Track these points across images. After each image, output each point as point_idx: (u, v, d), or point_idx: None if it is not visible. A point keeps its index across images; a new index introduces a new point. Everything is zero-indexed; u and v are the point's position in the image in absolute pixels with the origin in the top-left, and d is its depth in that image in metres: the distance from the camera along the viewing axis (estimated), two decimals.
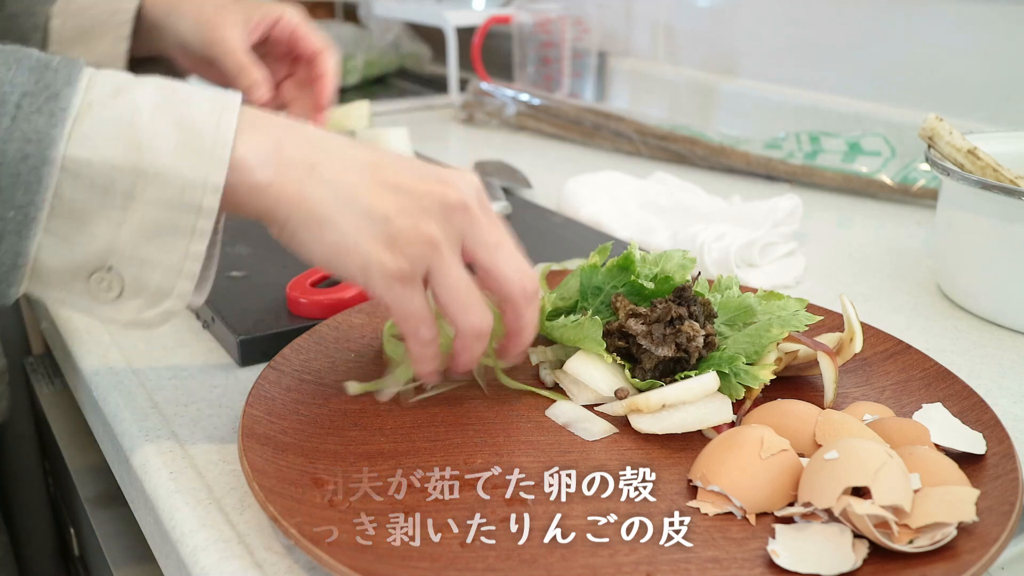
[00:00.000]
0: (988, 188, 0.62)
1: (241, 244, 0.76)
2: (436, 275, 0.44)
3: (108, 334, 0.63)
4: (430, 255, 0.44)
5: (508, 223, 0.43)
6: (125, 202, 0.40)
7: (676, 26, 1.31)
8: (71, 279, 0.42)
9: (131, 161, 0.40)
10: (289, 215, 0.43)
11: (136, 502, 0.52)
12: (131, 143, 0.40)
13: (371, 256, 0.43)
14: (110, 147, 0.40)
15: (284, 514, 0.40)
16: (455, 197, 0.44)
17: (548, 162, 1.12)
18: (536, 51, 1.32)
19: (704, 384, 0.49)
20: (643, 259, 0.57)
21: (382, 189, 0.43)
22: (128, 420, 0.53)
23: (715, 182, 1.02)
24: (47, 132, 0.39)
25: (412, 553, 0.39)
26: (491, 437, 0.49)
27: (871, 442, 0.42)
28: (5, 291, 0.41)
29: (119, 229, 0.41)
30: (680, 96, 1.30)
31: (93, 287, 0.42)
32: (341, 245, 0.43)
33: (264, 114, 0.44)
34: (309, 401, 0.51)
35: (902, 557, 0.39)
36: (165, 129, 0.40)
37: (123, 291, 0.42)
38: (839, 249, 0.82)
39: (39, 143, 0.39)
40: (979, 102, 0.96)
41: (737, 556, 0.40)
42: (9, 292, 0.41)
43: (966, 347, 0.63)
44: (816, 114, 1.10)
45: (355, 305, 0.61)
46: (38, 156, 0.39)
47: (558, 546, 0.40)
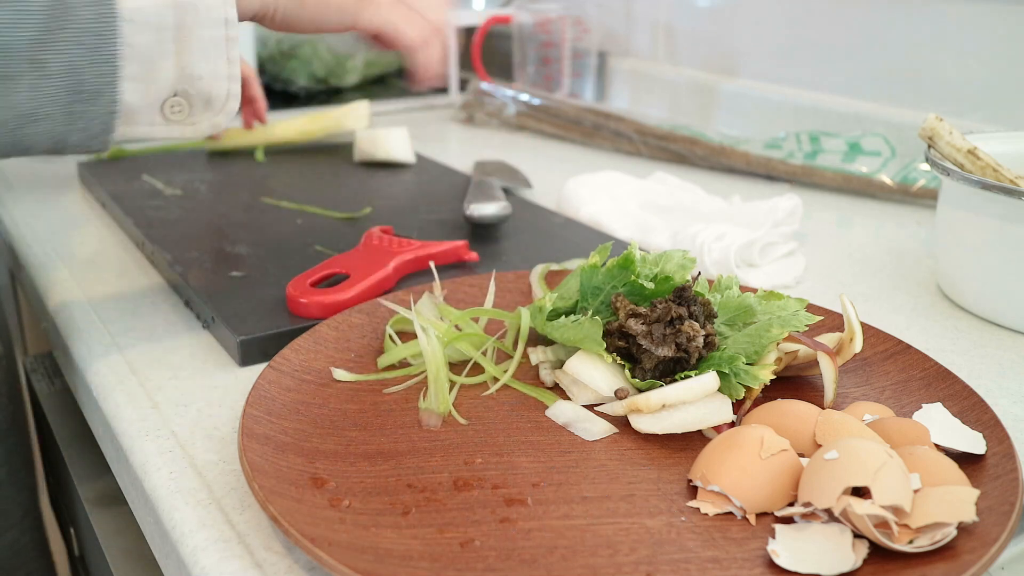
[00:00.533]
0: (988, 188, 0.62)
1: (241, 244, 0.76)
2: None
3: (108, 334, 0.63)
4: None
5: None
6: (176, 33, 0.51)
7: (676, 26, 1.31)
8: (151, 112, 0.52)
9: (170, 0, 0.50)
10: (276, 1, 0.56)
11: (136, 502, 0.52)
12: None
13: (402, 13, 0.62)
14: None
15: (284, 514, 0.40)
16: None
17: (548, 162, 1.12)
18: (536, 51, 1.32)
19: (704, 384, 0.49)
20: (643, 259, 0.57)
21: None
22: (128, 420, 0.53)
23: (715, 182, 1.02)
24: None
25: (412, 553, 0.39)
26: (491, 437, 0.49)
27: (871, 442, 0.42)
28: (106, 139, 0.51)
29: (178, 56, 0.51)
30: (680, 96, 1.30)
31: (167, 113, 0.52)
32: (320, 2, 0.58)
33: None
34: (309, 401, 0.51)
35: (902, 557, 0.39)
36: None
37: (192, 108, 0.53)
38: (839, 249, 0.82)
39: (105, 3, 0.48)
40: (979, 102, 0.96)
41: (737, 556, 0.40)
42: (109, 139, 0.51)
43: (966, 347, 0.63)
44: (816, 114, 1.10)
45: (355, 305, 0.61)
46: (108, 12, 0.48)
47: (557, 547, 0.40)
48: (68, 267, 0.75)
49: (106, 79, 0.49)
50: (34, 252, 0.79)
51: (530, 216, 0.84)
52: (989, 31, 0.94)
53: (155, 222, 0.80)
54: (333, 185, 0.94)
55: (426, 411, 0.51)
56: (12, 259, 0.87)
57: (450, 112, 1.40)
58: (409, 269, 0.69)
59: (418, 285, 0.64)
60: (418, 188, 0.94)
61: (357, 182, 0.96)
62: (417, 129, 1.27)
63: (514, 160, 1.09)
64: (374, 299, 0.62)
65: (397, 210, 0.86)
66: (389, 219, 0.82)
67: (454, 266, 0.72)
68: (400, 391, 0.54)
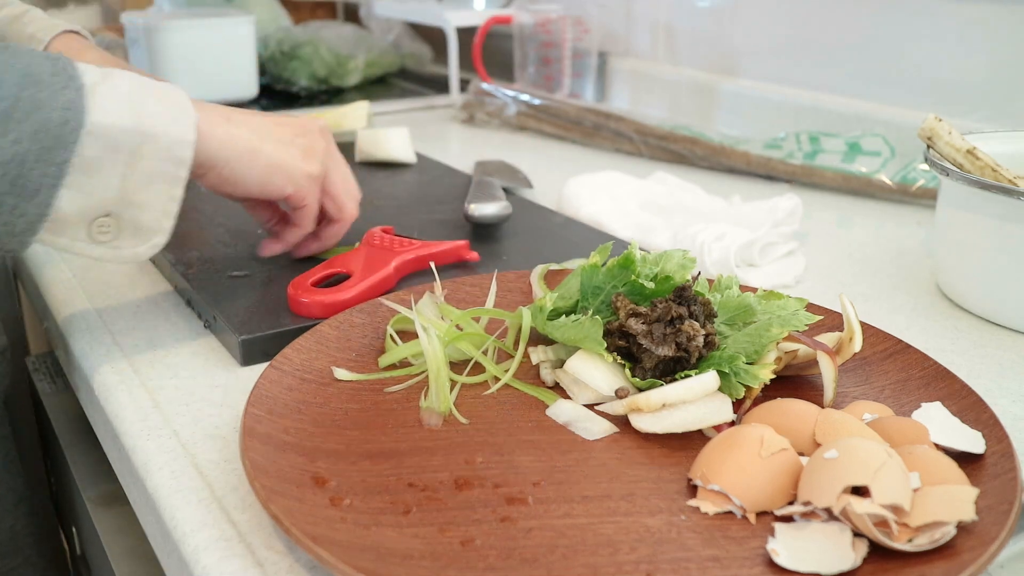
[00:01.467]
0: (987, 188, 0.62)
1: (241, 244, 0.76)
2: (332, 173, 0.65)
3: (110, 334, 0.63)
4: (327, 160, 0.63)
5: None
6: (130, 158, 0.51)
7: (676, 26, 1.31)
8: (78, 226, 0.51)
9: (135, 125, 0.51)
10: (228, 156, 0.57)
11: (137, 501, 0.52)
12: (133, 111, 0.51)
13: (296, 167, 0.60)
14: (121, 114, 0.51)
15: (285, 513, 0.40)
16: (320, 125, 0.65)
17: (548, 162, 1.12)
18: (536, 51, 1.32)
19: (704, 383, 0.49)
20: (643, 259, 0.57)
21: (275, 124, 0.61)
22: (130, 419, 0.53)
23: (715, 182, 1.02)
24: (79, 102, 0.49)
25: (412, 553, 0.40)
26: (491, 437, 0.49)
27: (871, 441, 0.42)
28: (27, 240, 0.50)
29: (124, 180, 0.51)
30: (680, 96, 1.30)
31: (94, 232, 0.52)
32: (271, 164, 0.59)
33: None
34: (310, 400, 0.51)
35: (901, 556, 0.39)
36: (149, 101, 0.52)
37: (120, 232, 0.53)
38: (839, 249, 0.82)
39: (75, 111, 0.49)
40: (979, 102, 0.96)
41: (737, 555, 0.40)
42: (29, 241, 0.50)
43: (965, 347, 0.63)
44: (816, 114, 1.10)
45: (356, 305, 0.61)
46: (76, 121, 0.49)
47: (558, 546, 0.40)
48: (70, 267, 0.75)
49: (49, 181, 0.49)
50: (36, 251, 0.79)
51: (530, 216, 0.84)
52: (989, 31, 0.94)
53: None
54: None
55: (427, 410, 0.51)
56: (14, 258, 0.88)
57: (451, 112, 1.40)
58: (410, 269, 0.69)
59: (419, 285, 0.64)
60: (419, 188, 0.94)
61: (358, 181, 0.96)
62: (418, 129, 1.27)
63: (514, 160, 1.09)
64: (375, 299, 0.62)
65: (398, 210, 0.86)
66: (390, 219, 0.82)
67: (455, 266, 0.72)
68: (401, 390, 0.54)
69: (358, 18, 1.80)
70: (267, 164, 0.59)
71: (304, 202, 0.62)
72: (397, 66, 1.67)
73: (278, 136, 0.60)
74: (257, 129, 0.59)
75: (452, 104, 1.44)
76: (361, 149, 1.02)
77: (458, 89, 1.44)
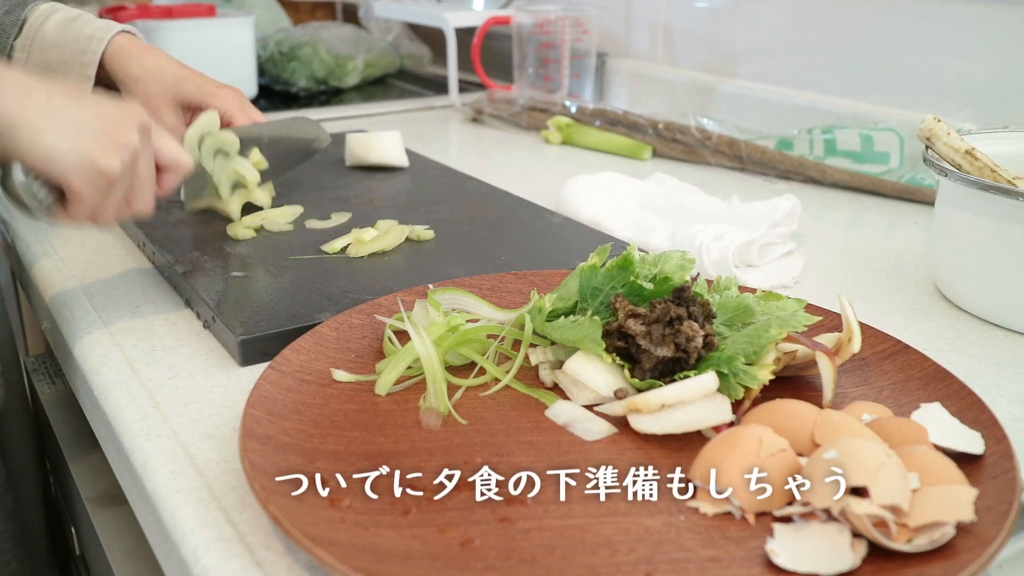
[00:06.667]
0: (986, 189, 0.62)
1: (241, 244, 0.76)
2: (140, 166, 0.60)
3: (109, 334, 0.63)
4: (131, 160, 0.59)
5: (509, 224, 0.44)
6: None
7: (675, 27, 1.31)
8: None
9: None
10: (17, 133, 0.54)
11: (137, 501, 0.52)
12: None
13: (87, 160, 0.56)
14: None
15: (284, 514, 0.40)
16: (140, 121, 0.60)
17: (548, 162, 1.13)
18: (535, 52, 1.32)
19: (703, 384, 0.49)
20: (642, 260, 0.57)
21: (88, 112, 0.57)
22: (129, 419, 0.53)
23: (714, 182, 1.02)
24: None
25: (412, 553, 0.40)
26: (491, 437, 0.49)
27: (870, 442, 0.42)
28: None
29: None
30: (679, 97, 1.30)
31: None
32: (56, 150, 0.55)
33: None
34: (309, 401, 0.51)
35: (900, 556, 0.39)
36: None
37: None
38: (838, 249, 0.82)
39: None
40: (978, 102, 0.96)
41: (736, 555, 0.40)
42: None
43: (964, 347, 0.63)
44: (815, 114, 1.10)
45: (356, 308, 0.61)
46: None
47: (558, 546, 0.40)
48: (69, 267, 0.75)
49: None
50: (35, 252, 0.79)
51: (529, 216, 0.84)
52: (989, 31, 0.94)
53: (156, 222, 0.80)
54: (333, 187, 0.94)
55: (426, 412, 0.51)
56: (14, 258, 0.88)
57: (450, 112, 1.40)
58: None
59: (417, 285, 0.64)
60: (418, 188, 0.94)
61: (350, 186, 0.96)
62: (417, 130, 1.27)
63: (514, 159, 1.09)
64: (373, 300, 0.62)
65: (397, 211, 0.86)
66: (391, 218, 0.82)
67: (455, 266, 0.72)
68: (400, 391, 0.54)
69: (357, 19, 1.80)
70: (52, 148, 0.55)
71: (80, 196, 0.57)
72: (396, 67, 1.67)
73: (84, 123, 0.56)
74: (60, 110, 0.56)
75: (451, 104, 1.44)
76: (352, 153, 1.01)
77: (457, 90, 1.44)
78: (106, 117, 0.58)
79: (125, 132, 0.58)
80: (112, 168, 0.57)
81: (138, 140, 0.59)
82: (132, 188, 0.60)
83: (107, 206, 0.59)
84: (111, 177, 0.57)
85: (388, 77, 1.67)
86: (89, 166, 0.56)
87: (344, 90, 1.57)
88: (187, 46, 1.32)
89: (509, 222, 0.83)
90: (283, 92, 1.55)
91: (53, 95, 0.56)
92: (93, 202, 0.58)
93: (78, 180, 0.56)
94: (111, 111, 0.58)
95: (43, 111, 0.55)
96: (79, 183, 0.56)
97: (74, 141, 0.55)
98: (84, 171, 0.56)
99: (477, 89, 1.45)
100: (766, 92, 1.17)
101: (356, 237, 0.75)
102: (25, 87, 0.55)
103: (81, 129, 0.56)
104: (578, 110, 1.22)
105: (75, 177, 0.56)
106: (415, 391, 0.54)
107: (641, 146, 1.13)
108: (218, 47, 1.35)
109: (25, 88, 0.55)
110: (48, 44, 0.76)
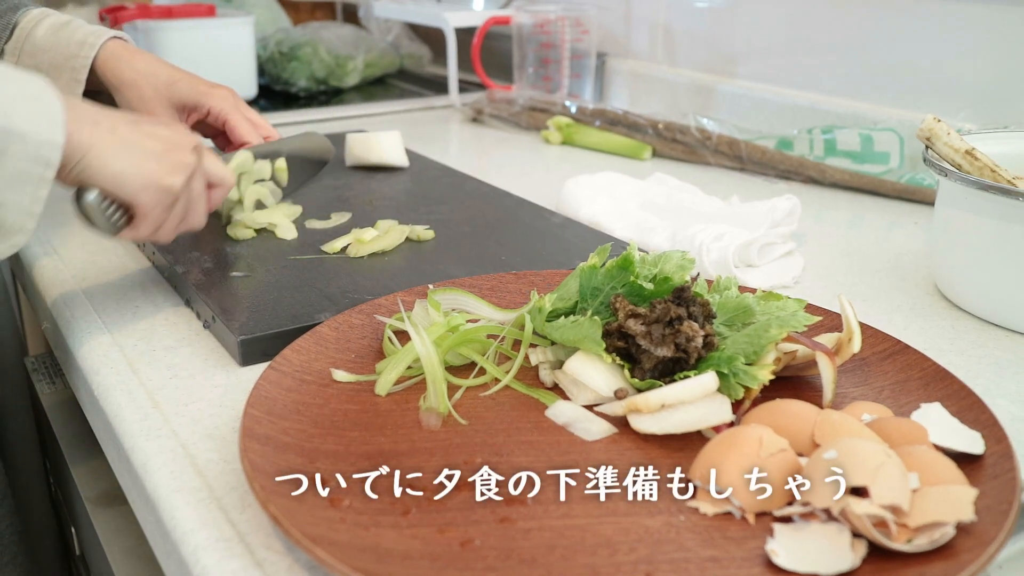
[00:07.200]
0: (986, 189, 0.62)
1: (241, 245, 0.76)
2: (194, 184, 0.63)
3: (109, 334, 0.63)
4: (189, 179, 0.61)
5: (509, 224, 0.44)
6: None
7: (675, 27, 1.31)
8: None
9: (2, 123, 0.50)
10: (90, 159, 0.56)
11: (137, 501, 0.52)
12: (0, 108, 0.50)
13: (154, 179, 0.59)
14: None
15: (284, 514, 0.40)
16: (194, 142, 0.63)
17: (548, 162, 1.13)
18: (535, 52, 1.32)
19: (703, 384, 0.49)
20: (642, 260, 0.57)
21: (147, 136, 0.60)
22: (129, 419, 0.53)
23: (714, 182, 1.02)
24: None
25: (412, 553, 0.40)
26: (491, 437, 0.49)
27: (870, 442, 0.42)
28: None
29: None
30: (679, 97, 1.30)
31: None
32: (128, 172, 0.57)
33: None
34: (309, 402, 0.51)
35: (900, 556, 0.39)
36: (17, 100, 0.52)
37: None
38: (838, 249, 0.82)
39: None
40: (978, 102, 0.96)
41: (736, 555, 0.40)
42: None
43: (964, 347, 0.63)
44: (814, 115, 1.10)
45: None
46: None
47: (558, 546, 0.40)
48: (69, 267, 0.75)
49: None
50: (35, 252, 0.79)
51: (529, 216, 0.84)
52: (989, 31, 0.94)
53: None
54: (333, 187, 0.94)
55: (426, 412, 0.51)
56: (14, 259, 0.88)
57: (450, 112, 1.40)
58: None
59: (417, 286, 0.64)
60: (418, 188, 0.94)
61: (349, 186, 0.96)
62: (417, 130, 1.27)
63: (514, 159, 1.09)
64: (373, 300, 0.62)
65: (398, 211, 0.86)
66: (391, 218, 0.82)
67: (455, 266, 0.72)
68: (400, 391, 0.54)
69: (357, 19, 1.80)
70: (122, 171, 0.57)
71: (148, 213, 0.60)
72: (396, 67, 1.67)
73: (145, 147, 0.59)
74: (125, 136, 0.58)
75: (451, 104, 1.44)
76: (352, 153, 1.01)
77: (457, 90, 1.44)
78: (164, 139, 0.61)
79: (183, 153, 0.61)
80: (175, 186, 0.60)
81: (194, 159, 0.62)
82: (189, 204, 0.63)
83: (169, 222, 0.62)
84: (174, 194, 0.60)
85: (388, 77, 1.67)
86: (154, 185, 0.59)
87: (344, 90, 1.57)
88: (187, 46, 1.32)
89: (509, 222, 0.83)
90: (283, 92, 1.54)
91: (117, 122, 0.58)
92: (158, 219, 0.61)
93: (145, 199, 0.59)
94: (167, 134, 0.61)
95: (109, 137, 0.57)
96: (146, 202, 0.59)
97: (140, 164, 0.58)
98: (150, 190, 0.59)
99: (477, 89, 1.45)
100: (766, 92, 1.17)
101: (356, 237, 0.75)
102: (91, 116, 0.57)
103: (145, 153, 0.59)
104: (578, 110, 1.22)
105: (143, 196, 0.59)
106: (415, 391, 0.54)
107: (641, 146, 1.13)
108: (218, 47, 1.35)
109: (91, 117, 0.57)
110: (39, 49, 0.76)
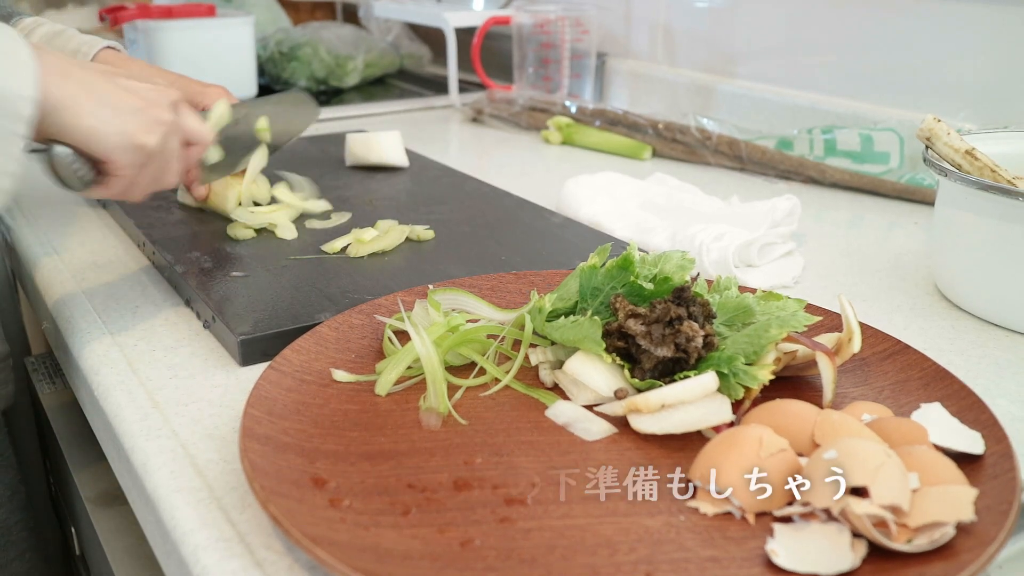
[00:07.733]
0: (986, 189, 0.62)
1: (241, 244, 0.76)
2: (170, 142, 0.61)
3: (109, 334, 0.63)
4: (166, 136, 0.60)
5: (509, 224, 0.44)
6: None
7: (675, 27, 1.31)
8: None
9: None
10: (62, 114, 0.54)
11: (137, 501, 0.52)
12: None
13: (128, 136, 0.57)
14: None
15: (285, 514, 0.40)
16: (172, 98, 0.62)
17: (548, 162, 1.13)
18: (535, 52, 1.32)
19: (703, 384, 0.49)
20: (642, 260, 0.57)
21: (123, 91, 0.58)
22: (129, 419, 0.53)
23: (714, 182, 1.02)
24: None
25: (412, 553, 0.40)
26: (491, 437, 0.49)
27: (870, 442, 0.42)
28: None
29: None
30: (679, 97, 1.30)
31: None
32: (99, 128, 0.56)
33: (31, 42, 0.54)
34: (309, 402, 0.51)
35: (900, 556, 0.39)
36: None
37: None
38: (838, 249, 0.82)
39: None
40: (978, 102, 0.96)
41: (736, 555, 0.40)
42: None
43: (964, 347, 0.63)
44: (815, 115, 1.10)
45: None
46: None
47: (558, 546, 0.40)
48: (69, 267, 0.75)
49: None
50: (35, 252, 0.79)
51: (529, 216, 0.84)
52: (989, 31, 0.94)
53: (156, 222, 0.80)
54: (333, 187, 0.94)
55: (426, 411, 0.51)
56: (14, 259, 0.88)
57: (450, 112, 1.40)
58: None
59: (417, 286, 0.64)
60: (418, 188, 0.94)
61: (350, 186, 0.96)
62: (417, 130, 1.27)
63: (514, 159, 1.08)
64: (373, 300, 0.62)
65: (398, 211, 0.86)
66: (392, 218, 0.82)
67: (455, 266, 0.72)
68: (400, 391, 0.54)
69: (357, 19, 1.80)
70: (96, 126, 0.56)
71: (120, 172, 0.58)
72: (396, 67, 1.67)
73: (122, 102, 0.57)
74: (101, 91, 0.57)
75: (451, 104, 1.44)
76: (352, 153, 1.01)
77: (457, 90, 1.44)
78: (141, 95, 0.59)
79: (160, 109, 0.60)
80: (150, 144, 0.58)
81: (172, 117, 0.60)
82: (164, 163, 0.62)
83: (142, 181, 0.60)
84: (149, 152, 0.59)
85: (388, 77, 1.67)
86: (129, 143, 0.57)
87: (344, 90, 1.57)
88: (187, 46, 1.32)
89: (509, 222, 0.83)
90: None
91: (90, 76, 0.57)
92: (131, 177, 0.59)
93: (119, 156, 0.57)
94: (144, 90, 0.60)
95: (83, 92, 0.55)
96: (119, 159, 0.57)
97: (114, 120, 0.56)
98: (124, 148, 0.57)
99: (477, 89, 1.45)
100: (766, 92, 1.17)
101: (356, 237, 0.75)
102: (64, 69, 0.55)
103: (119, 108, 0.57)
104: (578, 110, 1.22)
105: (116, 154, 0.57)
106: (415, 391, 0.54)
107: (641, 146, 1.13)
108: (218, 47, 1.35)
109: (64, 70, 0.55)
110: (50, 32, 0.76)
